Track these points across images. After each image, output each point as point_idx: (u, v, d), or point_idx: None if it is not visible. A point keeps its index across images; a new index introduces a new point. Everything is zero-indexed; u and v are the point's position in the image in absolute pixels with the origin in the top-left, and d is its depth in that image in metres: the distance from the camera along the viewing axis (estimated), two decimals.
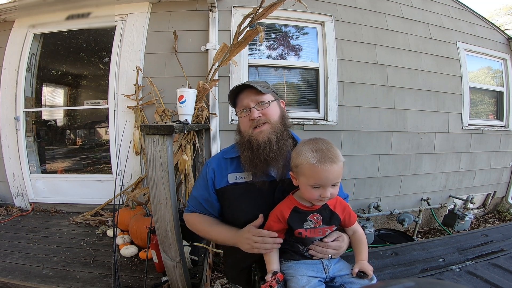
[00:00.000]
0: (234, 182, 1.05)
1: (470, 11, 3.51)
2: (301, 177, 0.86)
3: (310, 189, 0.84)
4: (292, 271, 0.90)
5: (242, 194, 1.03)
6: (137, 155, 2.66)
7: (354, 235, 0.98)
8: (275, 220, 0.91)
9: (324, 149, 0.83)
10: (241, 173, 1.05)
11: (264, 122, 1.00)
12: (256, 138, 0.99)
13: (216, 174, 1.07)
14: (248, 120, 1.01)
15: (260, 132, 0.99)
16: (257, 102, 1.01)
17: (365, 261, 0.93)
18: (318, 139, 0.89)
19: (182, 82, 2.50)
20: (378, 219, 3.06)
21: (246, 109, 1.02)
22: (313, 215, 0.89)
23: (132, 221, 2.15)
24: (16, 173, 2.88)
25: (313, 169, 0.82)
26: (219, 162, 1.10)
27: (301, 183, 0.87)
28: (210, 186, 1.07)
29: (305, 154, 0.84)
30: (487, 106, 3.73)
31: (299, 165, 0.85)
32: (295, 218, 0.89)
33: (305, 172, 0.84)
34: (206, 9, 2.61)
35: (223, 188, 1.06)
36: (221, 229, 1.05)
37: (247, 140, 1.01)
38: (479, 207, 3.75)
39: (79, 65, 4.31)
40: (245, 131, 1.04)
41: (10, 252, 2.02)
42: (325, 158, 0.82)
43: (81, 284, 1.67)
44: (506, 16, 11.89)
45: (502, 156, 3.64)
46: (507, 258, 1.16)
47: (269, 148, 0.97)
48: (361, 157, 2.87)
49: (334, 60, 2.78)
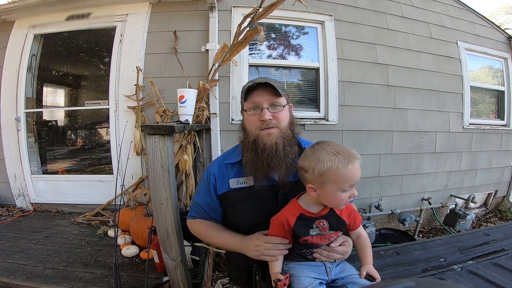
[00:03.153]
0: (235, 188, 1.02)
1: (471, 10, 3.50)
2: (328, 185, 0.79)
3: (339, 194, 0.80)
4: (294, 272, 0.89)
5: (244, 199, 1.01)
6: (138, 155, 2.66)
7: (359, 239, 0.97)
8: (280, 226, 0.88)
9: (343, 150, 0.81)
10: (242, 178, 1.02)
11: (274, 126, 0.94)
12: (263, 141, 0.93)
13: (217, 180, 1.04)
14: (257, 120, 0.95)
15: (269, 134, 0.94)
16: (271, 103, 0.95)
17: (371, 265, 0.93)
18: (325, 142, 0.86)
19: (183, 82, 2.50)
20: (379, 219, 3.06)
21: (257, 108, 0.95)
22: (319, 222, 0.86)
23: (133, 221, 2.15)
24: (17, 173, 2.89)
25: (346, 172, 0.78)
26: (220, 168, 1.06)
27: (328, 191, 0.81)
28: (212, 191, 1.05)
29: (329, 160, 0.78)
30: (488, 105, 3.73)
31: (326, 173, 0.78)
32: (301, 225, 0.86)
33: (336, 178, 0.78)
34: (206, 9, 2.61)
35: (225, 194, 1.03)
36: (226, 236, 1.03)
37: (253, 141, 0.95)
38: (480, 207, 3.75)
39: (79, 65, 4.31)
40: (251, 130, 0.98)
41: (11, 252, 2.02)
42: (350, 157, 0.80)
43: (82, 284, 1.68)
44: (506, 15, 11.88)
45: (503, 155, 3.64)
46: (508, 257, 1.15)
47: (275, 153, 0.92)
48: (362, 157, 2.79)
49: (334, 60, 2.78)
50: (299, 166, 0.88)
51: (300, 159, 0.89)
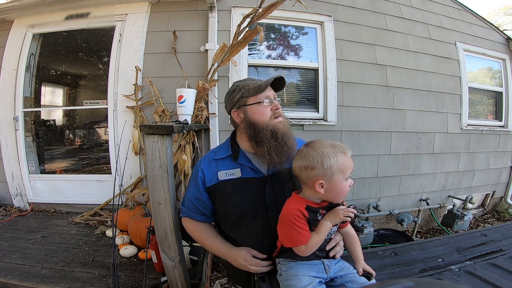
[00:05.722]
0: (224, 179, 1.09)
1: (469, 11, 3.51)
2: (336, 176, 0.86)
3: (345, 184, 0.87)
4: (293, 271, 0.90)
5: (233, 190, 1.08)
6: (137, 155, 2.66)
7: (348, 236, 1.02)
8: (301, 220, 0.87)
9: (336, 143, 0.90)
10: (230, 170, 1.10)
11: (280, 115, 1.10)
12: (279, 127, 1.06)
13: (205, 173, 1.12)
14: (270, 110, 1.08)
15: (280, 122, 1.08)
16: (274, 97, 1.12)
17: (363, 261, 0.98)
18: (316, 140, 0.93)
19: (182, 82, 2.50)
20: (378, 219, 3.06)
21: (269, 100, 1.09)
22: (322, 210, 0.91)
23: (132, 221, 2.14)
24: (15, 173, 2.88)
25: (347, 160, 0.87)
26: (208, 163, 1.15)
27: (336, 181, 0.86)
28: (200, 185, 1.12)
29: (333, 153, 0.86)
30: (486, 106, 3.74)
31: (333, 165, 0.85)
32: (311, 216, 0.89)
33: (342, 167, 0.86)
34: (205, 9, 2.61)
35: (213, 186, 1.10)
36: (215, 242, 1.12)
37: (271, 130, 1.05)
38: (478, 207, 3.76)
39: (78, 65, 4.31)
40: (264, 121, 1.07)
41: (9, 252, 2.01)
42: (344, 148, 0.89)
43: (80, 284, 1.67)
44: (505, 16, 11.94)
45: (501, 156, 3.65)
46: (506, 258, 1.16)
47: (289, 136, 1.07)
48: (361, 157, 2.87)
49: (333, 60, 2.78)
50: (302, 166, 0.89)
51: (300, 159, 0.91)
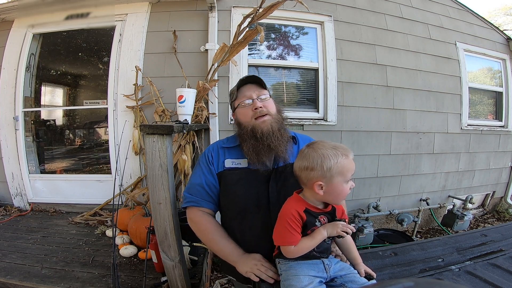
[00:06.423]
0: (230, 167, 1.10)
1: (469, 11, 3.51)
2: (336, 177, 0.84)
3: (345, 186, 0.86)
4: (293, 271, 0.90)
5: (238, 180, 1.07)
6: (137, 155, 2.66)
7: (345, 239, 0.99)
8: (296, 221, 0.86)
9: (338, 145, 0.88)
10: (237, 159, 1.10)
11: (265, 114, 1.07)
12: (260, 127, 1.05)
13: (214, 159, 1.13)
14: (251, 111, 1.07)
15: (263, 121, 1.06)
16: (258, 95, 1.09)
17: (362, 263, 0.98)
18: (318, 141, 0.92)
19: (182, 82, 2.50)
20: (378, 219, 3.06)
21: (249, 100, 1.08)
22: (321, 217, 0.89)
23: (132, 221, 2.14)
24: (15, 173, 2.88)
25: (348, 162, 0.85)
26: (216, 150, 1.15)
27: (336, 184, 0.85)
28: (211, 169, 1.12)
29: (334, 155, 0.84)
30: (486, 107, 3.74)
31: (332, 167, 0.83)
32: (309, 219, 0.88)
33: (342, 169, 0.84)
34: (205, 9, 2.61)
35: (220, 173, 1.11)
36: (228, 245, 1.06)
37: (250, 129, 1.05)
38: (478, 207, 3.76)
39: (78, 65, 4.31)
40: (246, 122, 1.08)
41: (9, 252, 2.01)
42: (346, 150, 0.87)
43: (80, 284, 1.67)
44: (505, 16, 11.94)
45: (501, 156, 3.65)
46: (506, 258, 1.16)
47: (272, 135, 1.04)
48: (361, 157, 2.87)
49: (333, 60, 2.78)
50: (302, 167, 0.88)
51: (300, 160, 0.90)
